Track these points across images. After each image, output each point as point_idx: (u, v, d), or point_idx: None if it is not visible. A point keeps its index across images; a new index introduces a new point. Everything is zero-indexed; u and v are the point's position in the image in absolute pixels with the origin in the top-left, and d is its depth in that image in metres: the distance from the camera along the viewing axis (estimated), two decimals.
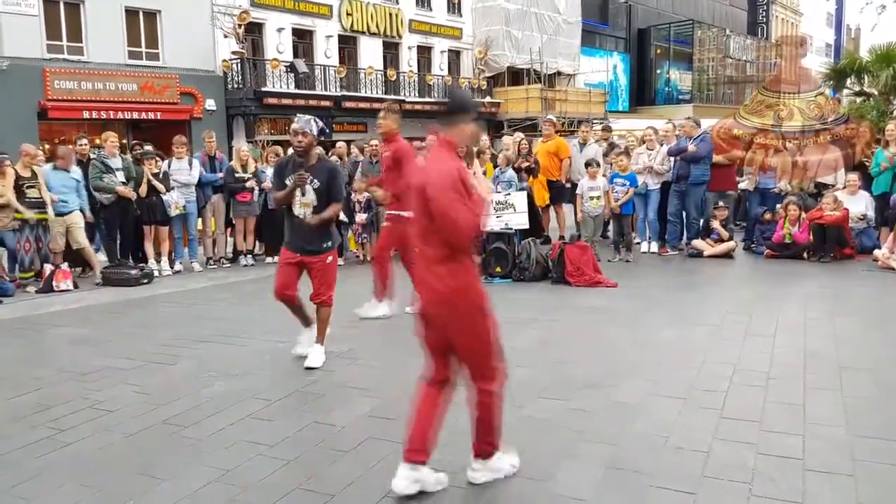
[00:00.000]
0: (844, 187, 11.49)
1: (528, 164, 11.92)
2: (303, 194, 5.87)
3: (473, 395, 3.84)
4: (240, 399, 5.24)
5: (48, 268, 10.17)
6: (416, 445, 3.71)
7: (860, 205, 11.18)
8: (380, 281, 7.77)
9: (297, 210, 5.91)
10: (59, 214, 10.35)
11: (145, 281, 10.40)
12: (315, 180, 5.86)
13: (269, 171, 11.91)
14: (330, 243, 6.05)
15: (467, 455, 3.98)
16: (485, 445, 3.85)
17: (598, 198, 10.98)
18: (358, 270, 11.24)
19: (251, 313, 8.24)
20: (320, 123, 6.00)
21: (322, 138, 6.02)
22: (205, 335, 7.26)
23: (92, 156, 11.18)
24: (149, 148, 12.07)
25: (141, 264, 10.75)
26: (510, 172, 11.07)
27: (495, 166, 11.47)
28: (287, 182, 5.88)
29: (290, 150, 6.36)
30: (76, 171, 10.58)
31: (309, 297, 6.11)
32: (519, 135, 13.43)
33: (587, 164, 11.28)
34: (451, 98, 3.93)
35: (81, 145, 11.35)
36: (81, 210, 10.61)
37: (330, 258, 6.07)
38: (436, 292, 3.71)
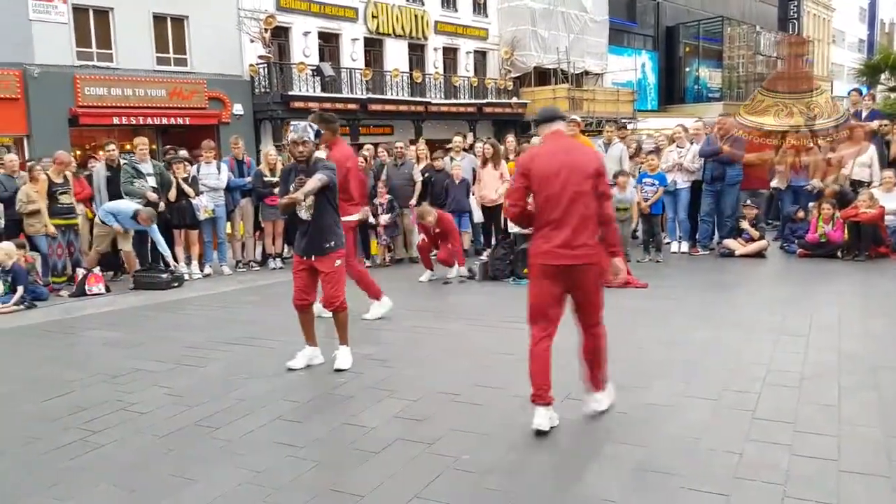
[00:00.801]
0: (880, 184, 11.33)
1: None
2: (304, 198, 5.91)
3: (591, 338, 4.72)
4: (270, 401, 5.27)
5: (80, 272, 10.30)
6: (545, 390, 4.46)
7: None
8: (364, 284, 7.92)
9: (303, 214, 5.95)
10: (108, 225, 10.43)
11: (176, 284, 10.49)
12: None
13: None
14: (333, 243, 6.02)
15: (496, 456, 3.99)
16: (599, 380, 4.72)
17: (626, 209, 10.55)
18: (382, 273, 11.25)
19: (280, 316, 8.26)
20: (315, 127, 6.06)
21: (317, 140, 6.06)
22: (234, 337, 7.31)
23: (122, 161, 11.30)
24: (183, 153, 12.21)
25: (171, 268, 10.83)
26: None
27: None
28: (291, 189, 5.92)
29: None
30: (154, 228, 10.56)
31: (322, 305, 6.14)
32: None
33: (615, 175, 11.05)
34: (549, 110, 4.86)
35: (109, 150, 11.45)
36: (163, 256, 10.74)
37: (338, 261, 6.04)
38: (587, 255, 4.48)
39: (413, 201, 12.14)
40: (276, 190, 11.50)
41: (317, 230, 5.96)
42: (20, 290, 9.31)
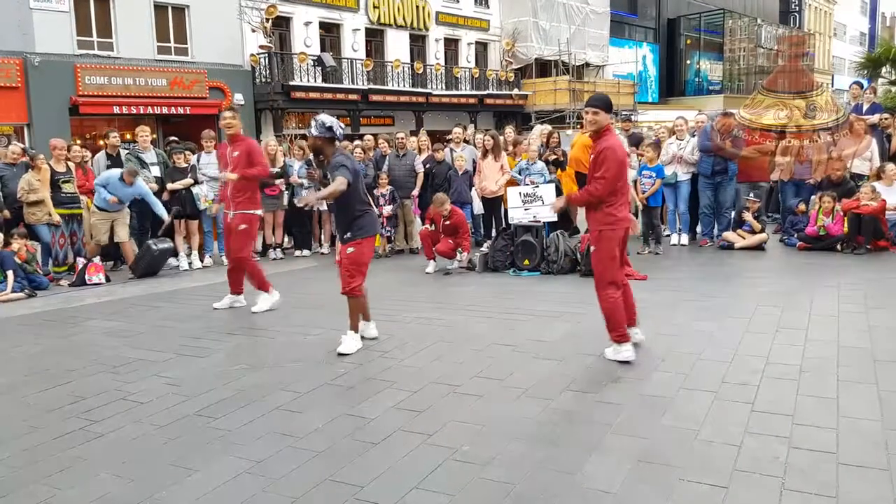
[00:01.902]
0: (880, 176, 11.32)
1: (555, 156, 11.89)
2: (317, 189, 6.19)
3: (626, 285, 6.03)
4: (269, 391, 5.28)
5: (81, 261, 10.29)
6: (626, 331, 5.81)
7: None
8: (257, 278, 8.11)
9: (325, 206, 6.23)
10: (102, 210, 10.44)
11: (165, 246, 10.52)
12: (327, 174, 6.18)
13: (297, 166, 11.99)
14: (349, 234, 6.24)
15: (496, 447, 4.04)
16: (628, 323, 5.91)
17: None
18: (382, 264, 11.25)
19: (280, 306, 8.29)
20: (326, 121, 6.20)
21: (330, 133, 6.18)
22: (235, 328, 7.32)
23: (125, 151, 11.29)
24: (191, 145, 12.19)
25: (155, 237, 10.85)
26: (539, 165, 11.03)
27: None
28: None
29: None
30: (140, 186, 10.57)
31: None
32: (547, 127, 13.35)
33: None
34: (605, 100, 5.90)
35: (112, 138, 11.45)
36: (156, 215, 10.74)
37: (351, 248, 6.23)
38: (628, 220, 5.96)
39: (416, 192, 12.15)
40: (279, 181, 11.66)
41: (339, 221, 6.36)
42: (10, 274, 9.28)
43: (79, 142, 18.49)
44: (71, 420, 4.83)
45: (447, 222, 10.16)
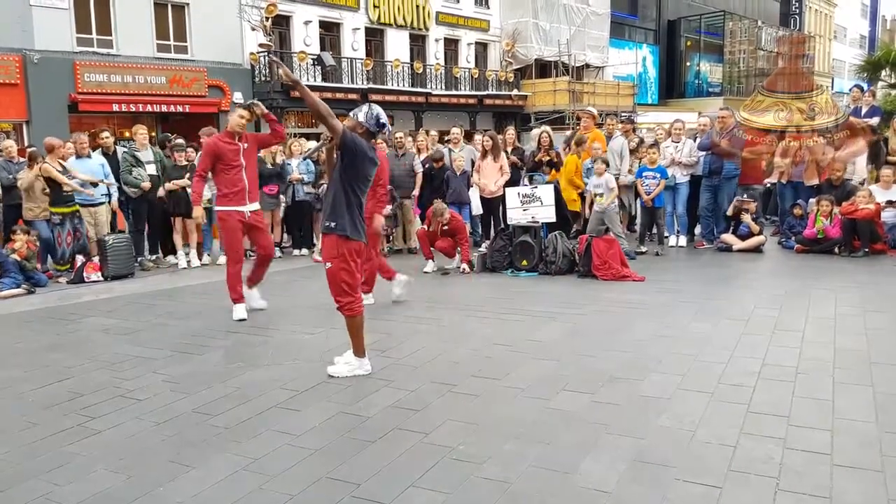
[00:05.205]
0: (877, 181, 11.35)
1: (549, 157, 11.91)
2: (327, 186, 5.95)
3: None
4: (267, 389, 5.29)
5: (80, 259, 10.30)
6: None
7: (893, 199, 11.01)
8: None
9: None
10: (84, 205, 10.48)
11: (112, 239, 10.42)
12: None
13: (294, 163, 11.97)
14: (326, 222, 5.51)
15: (492, 446, 4.05)
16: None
17: (601, 195, 10.56)
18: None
19: (278, 305, 8.30)
20: (377, 114, 5.71)
21: (375, 128, 5.73)
22: (233, 326, 7.33)
23: (122, 150, 11.29)
24: (180, 141, 12.17)
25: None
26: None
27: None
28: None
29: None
30: (98, 158, 10.66)
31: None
32: (546, 127, 13.36)
33: (593, 161, 11.17)
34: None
35: (104, 138, 11.43)
36: (110, 199, 10.77)
37: (328, 264, 5.51)
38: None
39: (416, 192, 12.16)
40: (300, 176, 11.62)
41: (325, 203, 5.66)
42: None
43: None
44: (69, 416, 4.84)
45: (445, 227, 10.17)
